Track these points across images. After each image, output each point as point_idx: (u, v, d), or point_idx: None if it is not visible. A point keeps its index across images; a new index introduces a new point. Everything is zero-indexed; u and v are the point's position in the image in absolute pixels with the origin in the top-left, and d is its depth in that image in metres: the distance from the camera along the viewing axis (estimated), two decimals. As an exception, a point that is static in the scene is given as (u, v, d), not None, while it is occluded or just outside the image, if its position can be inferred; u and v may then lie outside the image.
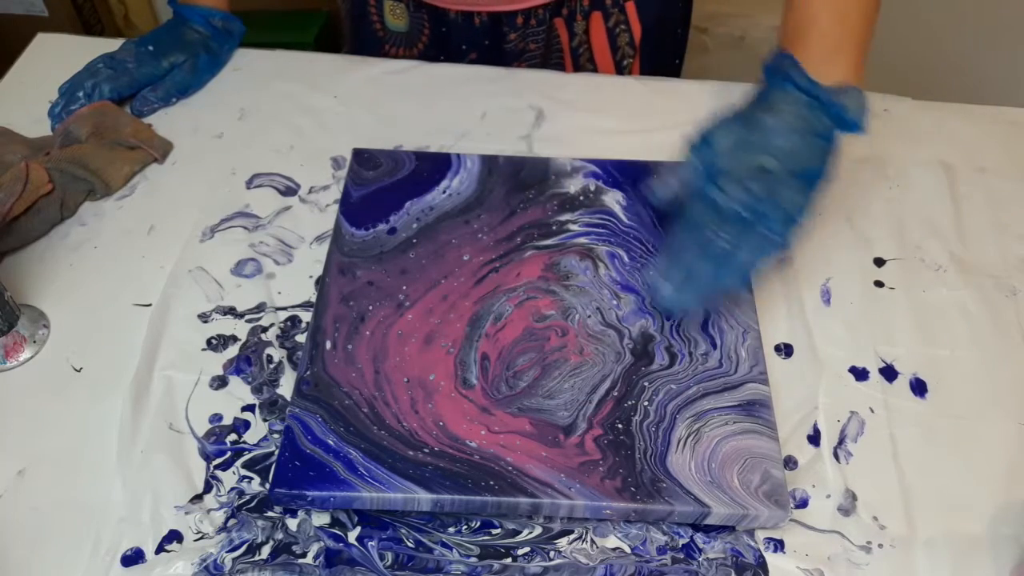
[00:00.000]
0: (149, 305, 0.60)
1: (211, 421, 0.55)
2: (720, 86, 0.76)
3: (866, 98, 0.56)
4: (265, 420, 0.55)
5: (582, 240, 0.61)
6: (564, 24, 0.81)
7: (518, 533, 0.50)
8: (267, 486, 0.51)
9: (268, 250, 0.64)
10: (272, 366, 0.57)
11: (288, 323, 0.59)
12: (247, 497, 0.51)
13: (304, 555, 0.49)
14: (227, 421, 0.55)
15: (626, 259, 0.60)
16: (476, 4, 0.79)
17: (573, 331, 0.56)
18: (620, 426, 0.51)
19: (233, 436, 0.54)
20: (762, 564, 0.49)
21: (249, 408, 0.55)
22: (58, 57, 0.77)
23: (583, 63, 0.84)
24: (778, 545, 0.50)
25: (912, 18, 1.29)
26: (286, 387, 0.56)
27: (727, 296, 0.57)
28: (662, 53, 0.87)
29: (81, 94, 0.72)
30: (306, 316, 0.60)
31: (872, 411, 0.55)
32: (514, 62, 0.83)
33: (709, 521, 0.49)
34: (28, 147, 0.68)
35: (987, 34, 1.35)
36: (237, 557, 0.49)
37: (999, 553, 0.49)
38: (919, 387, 0.56)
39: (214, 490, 0.52)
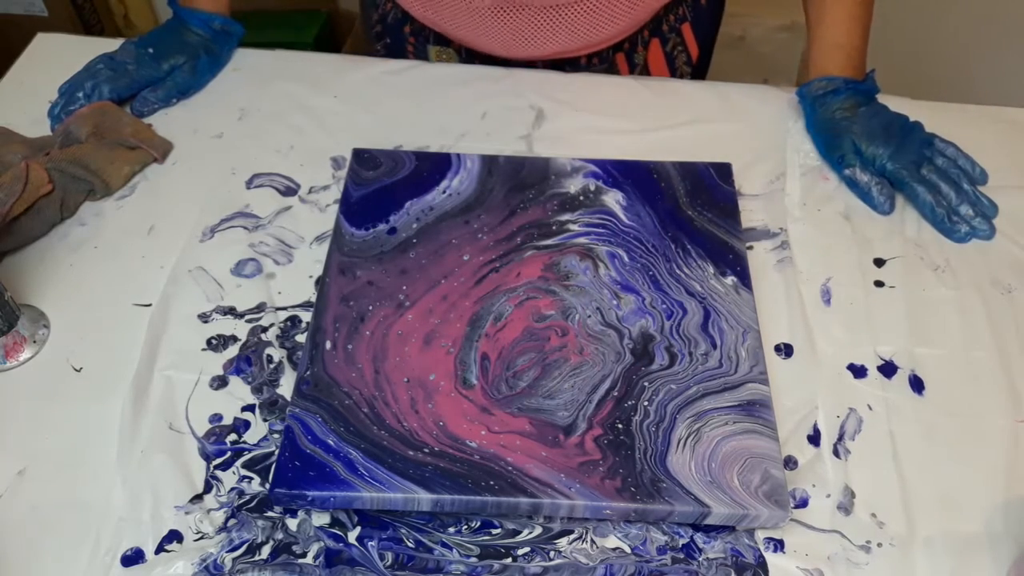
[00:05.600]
0: (149, 305, 0.60)
1: (211, 421, 0.55)
2: (720, 86, 0.76)
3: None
4: (265, 420, 0.55)
5: (582, 240, 0.61)
6: (625, 57, 0.81)
7: (518, 533, 0.50)
8: (267, 486, 0.51)
9: (268, 250, 0.64)
10: (272, 366, 0.57)
11: (288, 323, 0.59)
12: (247, 497, 0.51)
13: (304, 555, 0.49)
14: (227, 421, 0.55)
15: (626, 259, 0.60)
16: (537, 52, 0.77)
17: (573, 331, 0.56)
18: (620, 426, 0.51)
19: (233, 436, 0.54)
20: (762, 564, 0.49)
21: (249, 408, 0.55)
22: (58, 57, 0.77)
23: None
24: (778, 545, 0.50)
25: (912, 18, 1.29)
26: (286, 387, 0.56)
27: None
28: (704, 57, 0.88)
29: (81, 94, 0.72)
30: (306, 316, 0.60)
31: (870, 408, 0.55)
32: None
33: (709, 521, 0.49)
34: (28, 147, 0.68)
35: (987, 34, 1.35)
36: (237, 557, 0.49)
37: (997, 551, 0.49)
38: (917, 384, 0.56)
39: (214, 490, 0.52)
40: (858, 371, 0.57)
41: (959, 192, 0.65)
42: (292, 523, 0.50)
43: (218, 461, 0.53)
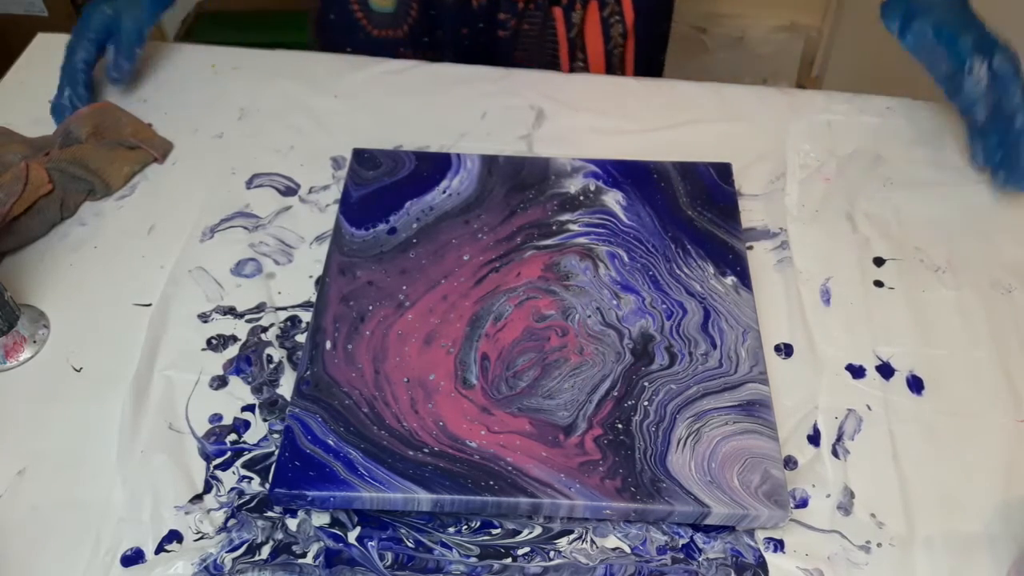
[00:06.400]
0: (149, 305, 0.60)
1: (211, 421, 0.55)
2: (720, 86, 0.76)
3: None
4: (265, 420, 0.55)
5: (582, 240, 0.61)
6: (563, 13, 0.81)
7: (518, 533, 0.50)
8: (267, 486, 0.51)
9: (268, 250, 0.64)
10: (272, 366, 0.57)
11: (288, 323, 0.59)
12: (247, 497, 0.51)
13: (304, 555, 0.49)
14: (227, 421, 0.55)
15: (626, 259, 0.60)
16: None
17: (573, 331, 0.56)
18: (620, 426, 0.51)
19: (233, 436, 0.54)
20: (762, 564, 0.49)
21: (249, 408, 0.55)
22: (58, 57, 0.77)
23: (575, 52, 0.84)
24: (778, 545, 0.50)
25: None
26: (286, 387, 0.56)
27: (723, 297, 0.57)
28: (648, 46, 0.88)
29: (81, 64, 0.71)
30: (306, 316, 0.60)
31: (870, 408, 0.55)
32: (505, 47, 0.83)
33: (709, 521, 0.49)
34: (28, 147, 0.68)
35: (987, 34, 1.34)
36: (237, 557, 0.49)
37: (997, 551, 0.49)
38: (916, 384, 0.56)
39: (214, 490, 0.52)
40: (857, 371, 0.57)
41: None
42: (292, 523, 0.50)
43: (218, 461, 0.53)
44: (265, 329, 0.59)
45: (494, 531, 0.50)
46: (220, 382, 0.57)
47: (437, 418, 0.52)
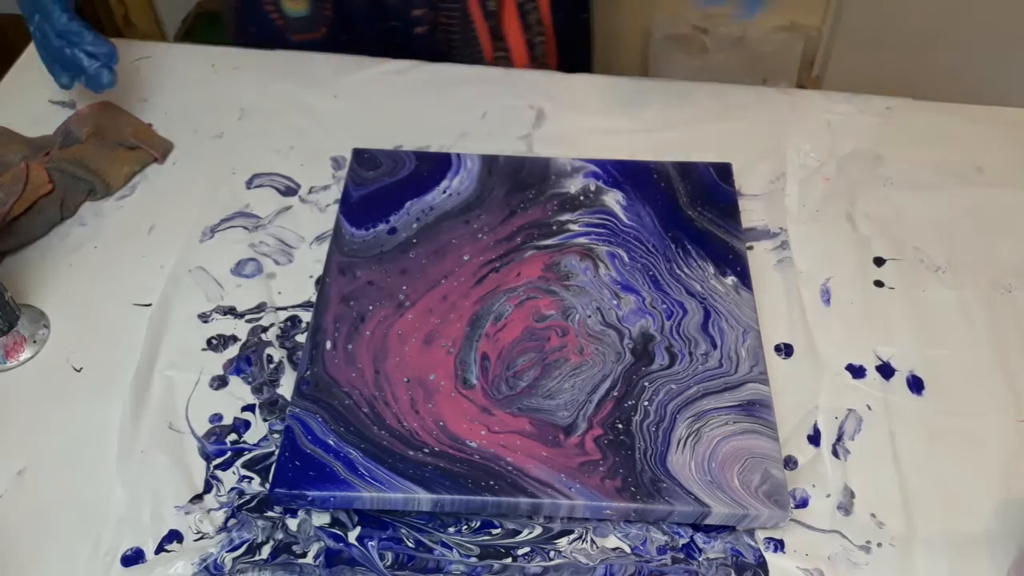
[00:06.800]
0: (149, 305, 0.60)
1: (211, 421, 0.55)
2: (720, 86, 0.76)
3: None
4: (265, 420, 0.55)
5: (582, 240, 0.61)
6: (479, 4, 0.80)
7: (518, 533, 0.50)
8: (267, 486, 0.51)
9: (268, 250, 0.64)
10: (272, 366, 0.57)
11: (288, 323, 0.59)
12: (247, 497, 0.51)
13: (304, 555, 0.49)
14: (227, 421, 0.55)
15: (626, 259, 0.60)
16: None
17: (573, 331, 0.56)
18: (620, 426, 0.51)
19: (233, 436, 0.54)
20: (762, 564, 0.49)
21: (249, 408, 0.55)
22: (58, 57, 0.77)
23: (496, 43, 0.84)
24: (778, 545, 0.50)
25: (912, 18, 1.29)
26: (286, 387, 0.56)
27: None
28: (570, 36, 0.87)
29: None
30: (306, 316, 0.60)
31: (870, 408, 0.55)
32: (425, 42, 0.82)
33: (709, 521, 0.49)
34: (28, 147, 0.68)
35: (987, 34, 1.35)
36: (237, 557, 0.49)
37: (996, 551, 0.49)
38: (916, 384, 0.56)
39: (214, 490, 0.52)
40: (857, 371, 0.57)
41: None
42: (292, 523, 0.50)
43: (218, 461, 0.53)
44: (265, 329, 0.59)
45: (494, 531, 0.50)
46: (220, 382, 0.57)
47: (437, 418, 0.52)
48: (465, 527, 0.51)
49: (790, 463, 0.53)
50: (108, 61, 0.67)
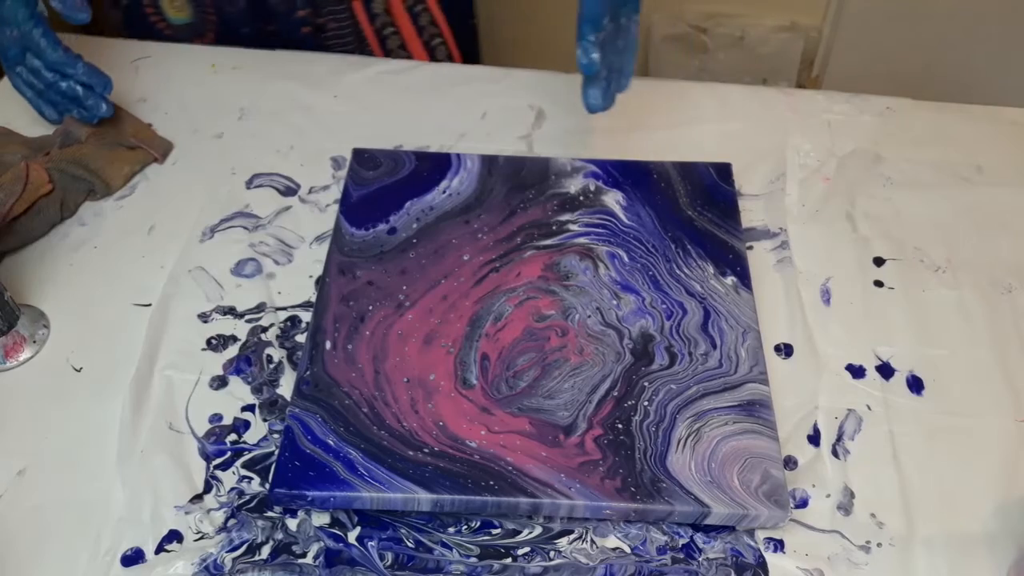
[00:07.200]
0: (149, 305, 0.60)
1: (211, 421, 0.55)
2: (720, 86, 0.76)
3: None
4: (265, 420, 0.55)
5: (582, 240, 0.61)
6: (362, 6, 0.80)
7: (518, 533, 0.50)
8: (267, 486, 0.51)
9: (268, 250, 0.64)
10: (272, 366, 0.57)
11: (288, 323, 0.59)
12: (247, 497, 0.51)
13: (304, 555, 0.49)
14: (227, 421, 0.55)
15: (626, 259, 0.60)
16: None
17: (573, 331, 0.56)
18: (620, 426, 0.51)
19: (233, 436, 0.54)
20: (762, 564, 0.49)
21: (249, 408, 0.55)
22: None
23: (394, 48, 0.84)
24: (778, 545, 0.50)
25: (912, 18, 1.29)
26: (286, 387, 0.56)
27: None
28: (463, 34, 0.88)
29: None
30: (306, 316, 0.60)
31: (869, 408, 0.55)
32: (312, 44, 0.82)
33: (709, 521, 0.49)
34: (28, 147, 0.68)
35: (987, 34, 1.35)
36: (237, 557, 0.49)
37: (996, 551, 0.49)
38: (916, 384, 0.56)
39: (214, 490, 0.52)
40: (857, 371, 0.57)
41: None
42: (292, 523, 0.50)
43: (218, 461, 0.53)
44: (265, 329, 0.59)
45: (494, 531, 0.50)
46: (220, 382, 0.57)
47: (437, 418, 0.52)
48: (465, 527, 0.51)
49: (790, 463, 0.53)
50: (104, 90, 0.68)
